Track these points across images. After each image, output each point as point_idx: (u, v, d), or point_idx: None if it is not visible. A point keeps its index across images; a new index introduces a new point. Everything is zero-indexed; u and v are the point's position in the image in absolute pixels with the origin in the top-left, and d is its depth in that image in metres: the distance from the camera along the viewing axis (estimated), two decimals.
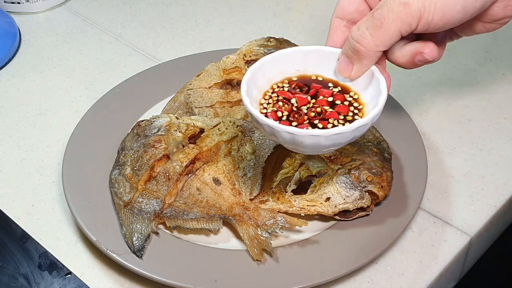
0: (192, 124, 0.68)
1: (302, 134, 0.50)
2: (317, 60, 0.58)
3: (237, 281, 0.58)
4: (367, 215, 0.62)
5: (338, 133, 0.51)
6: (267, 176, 0.64)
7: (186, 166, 0.64)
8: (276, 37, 0.79)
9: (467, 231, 0.64)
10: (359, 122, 0.51)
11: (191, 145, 0.66)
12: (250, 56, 0.76)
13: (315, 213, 0.62)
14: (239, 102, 0.71)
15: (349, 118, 0.54)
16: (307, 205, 0.62)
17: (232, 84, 0.74)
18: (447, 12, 0.51)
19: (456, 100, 0.79)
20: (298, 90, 0.57)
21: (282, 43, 0.78)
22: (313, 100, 0.56)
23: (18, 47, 0.90)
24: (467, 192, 0.68)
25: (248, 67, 0.75)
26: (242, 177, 0.64)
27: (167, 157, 0.65)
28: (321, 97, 0.56)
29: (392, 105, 0.74)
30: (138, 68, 0.84)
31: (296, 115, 0.54)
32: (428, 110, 0.78)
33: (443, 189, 0.68)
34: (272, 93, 0.57)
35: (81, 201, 0.64)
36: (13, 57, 0.89)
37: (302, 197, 0.62)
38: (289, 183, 0.63)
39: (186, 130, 0.67)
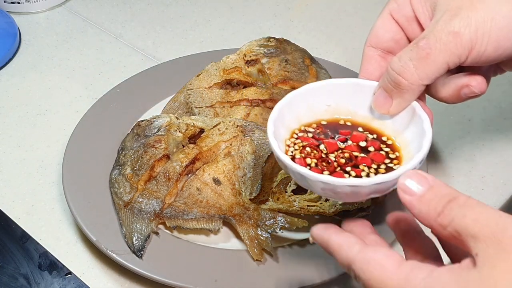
0: (192, 124, 0.68)
1: (340, 184, 0.45)
2: (349, 94, 0.53)
3: (237, 281, 0.58)
4: (367, 215, 0.62)
5: (381, 182, 0.45)
6: (267, 176, 0.64)
7: (186, 166, 0.64)
8: (276, 37, 0.79)
9: None
10: (403, 168, 0.46)
11: (191, 145, 0.66)
12: (250, 56, 0.76)
13: (315, 213, 0.62)
14: (239, 102, 0.71)
15: (383, 167, 0.49)
16: (307, 205, 0.62)
17: (232, 84, 0.74)
18: (502, 43, 0.46)
19: None
20: (327, 135, 0.52)
21: (282, 43, 0.78)
22: (343, 145, 0.51)
23: (18, 47, 0.90)
24: (467, 192, 0.68)
25: (248, 67, 0.75)
26: (242, 177, 0.64)
27: (167, 157, 0.65)
28: (350, 142, 0.51)
29: None
30: (138, 68, 0.84)
31: (324, 163, 0.49)
32: None
33: None
34: (299, 132, 0.52)
35: (81, 201, 0.64)
36: (13, 57, 0.89)
37: (302, 197, 0.62)
38: (289, 183, 0.63)
39: (186, 130, 0.67)
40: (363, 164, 0.49)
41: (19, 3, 0.95)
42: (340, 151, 0.50)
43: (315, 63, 0.76)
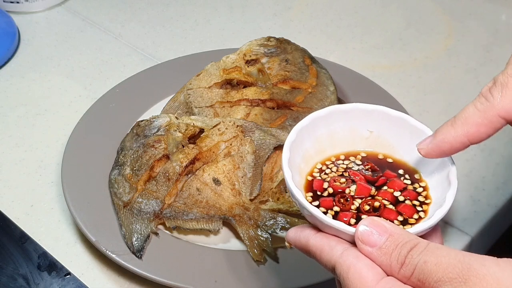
0: (192, 124, 0.68)
1: (347, 232, 0.42)
2: (392, 126, 0.50)
3: (237, 281, 0.58)
4: None
5: None
6: (267, 176, 0.64)
7: (186, 166, 0.64)
8: (276, 37, 0.79)
9: (468, 231, 0.64)
10: (418, 227, 0.43)
11: (191, 145, 0.65)
12: (250, 56, 0.76)
13: None
14: (239, 102, 0.71)
15: (411, 221, 0.45)
16: None
17: (232, 84, 0.73)
18: None
19: (457, 100, 0.79)
20: (368, 172, 0.48)
21: (282, 43, 0.78)
22: (375, 192, 0.47)
23: (17, 46, 0.90)
24: (468, 192, 0.68)
25: (248, 66, 0.74)
26: (242, 177, 0.64)
27: (166, 157, 0.65)
28: (386, 187, 0.47)
29: (392, 105, 0.74)
30: (137, 67, 0.84)
31: (341, 199, 0.46)
32: (429, 110, 0.78)
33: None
34: (336, 160, 0.49)
35: (80, 201, 0.64)
36: (12, 56, 0.88)
37: None
38: None
39: (186, 130, 0.67)
40: (386, 220, 0.44)
41: (18, 2, 0.95)
42: (370, 197, 0.46)
43: (315, 63, 0.76)
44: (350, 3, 0.97)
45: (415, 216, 0.45)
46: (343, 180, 0.47)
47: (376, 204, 0.45)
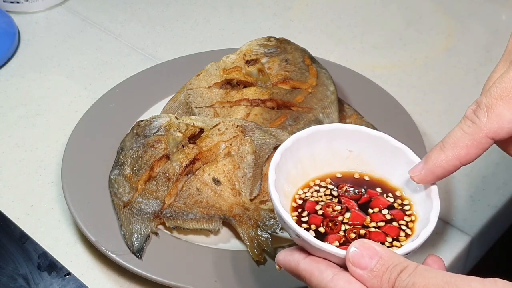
0: (192, 124, 0.67)
1: (336, 254, 0.43)
2: (372, 146, 0.50)
3: (237, 281, 0.58)
4: None
5: None
6: (267, 176, 0.64)
7: (186, 166, 0.64)
8: (276, 37, 0.78)
9: (468, 231, 0.64)
10: (406, 248, 0.44)
11: (191, 145, 0.65)
12: (250, 56, 0.76)
13: None
14: (239, 102, 0.71)
15: (401, 239, 0.46)
16: None
17: (232, 84, 0.73)
18: None
19: (457, 100, 0.79)
20: (348, 192, 0.49)
21: (282, 43, 0.78)
22: (369, 220, 0.47)
23: (17, 46, 0.90)
24: (468, 192, 0.68)
25: (248, 66, 0.74)
26: (242, 177, 0.64)
27: (166, 157, 0.65)
28: (376, 209, 0.48)
29: (392, 105, 0.74)
30: (137, 67, 0.84)
31: (330, 223, 0.47)
32: (429, 110, 0.78)
33: (444, 189, 0.68)
34: (323, 183, 0.50)
35: (80, 201, 0.64)
36: (12, 56, 0.88)
37: None
38: None
39: (186, 130, 0.67)
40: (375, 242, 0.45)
41: (18, 2, 0.95)
42: (361, 226, 0.47)
43: (315, 63, 0.76)
44: (350, 3, 0.97)
45: (402, 234, 0.47)
46: (338, 207, 0.48)
47: (362, 232, 0.46)
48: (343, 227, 0.46)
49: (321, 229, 0.46)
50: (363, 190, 0.50)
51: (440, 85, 0.82)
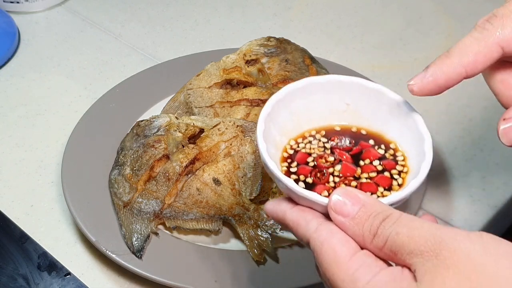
0: (192, 124, 0.68)
1: (320, 203, 0.42)
2: (367, 98, 0.49)
3: (237, 281, 0.58)
4: None
5: None
6: (267, 176, 0.64)
7: (186, 166, 0.64)
8: (276, 37, 0.78)
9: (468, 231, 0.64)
10: (392, 198, 0.43)
11: (191, 145, 0.65)
12: (250, 56, 0.76)
13: None
14: (239, 102, 0.71)
15: (395, 188, 0.45)
16: None
17: (232, 84, 0.73)
18: None
19: (457, 100, 0.79)
20: (340, 144, 0.48)
21: (282, 43, 0.78)
22: (360, 171, 0.47)
23: (17, 46, 0.90)
24: (468, 192, 0.68)
25: (248, 66, 0.74)
26: (242, 177, 0.64)
27: (166, 157, 0.65)
28: (367, 160, 0.47)
29: None
30: (137, 67, 0.84)
31: (318, 174, 0.46)
32: (429, 110, 0.78)
33: (444, 189, 0.68)
34: (316, 134, 0.49)
35: (80, 201, 0.64)
36: (12, 56, 0.88)
37: None
38: None
39: (186, 130, 0.67)
40: (367, 192, 0.45)
41: (18, 2, 0.95)
42: (353, 178, 0.46)
43: (315, 63, 0.76)
44: (350, 3, 0.97)
45: (394, 183, 0.45)
46: (331, 158, 0.47)
47: (353, 184, 0.45)
48: (334, 179, 0.46)
49: (309, 180, 0.46)
50: (354, 142, 0.49)
51: None
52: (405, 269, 0.37)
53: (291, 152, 0.48)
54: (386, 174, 0.46)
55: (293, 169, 0.47)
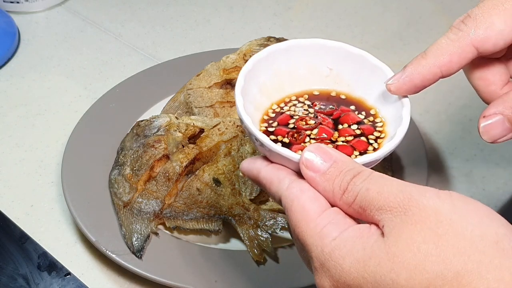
0: (192, 124, 0.68)
1: (294, 160, 0.42)
2: (349, 62, 0.49)
3: (237, 281, 0.58)
4: None
5: None
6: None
7: (186, 166, 0.64)
8: (276, 37, 0.78)
9: None
10: (365, 158, 0.43)
11: (191, 145, 0.65)
12: (250, 56, 0.75)
13: None
14: None
15: (370, 152, 0.45)
16: None
17: (232, 84, 0.73)
18: None
19: (457, 100, 0.79)
20: (321, 108, 0.48)
21: None
22: (337, 135, 0.46)
23: (17, 46, 0.90)
24: (468, 193, 0.68)
25: None
26: (242, 177, 0.64)
27: (166, 157, 0.65)
28: (345, 124, 0.47)
29: None
30: (137, 67, 0.84)
31: (295, 134, 0.46)
32: (429, 110, 0.78)
33: (444, 189, 0.68)
34: (295, 99, 0.49)
35: (80, 201, 0.64)
36: (12, 56, 0.88)
37: None
38: None
39: (186, 130, 0.67)
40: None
41: (18, 2, 0.95)
42: (329, 141, 0.46)
43: None
44: (350, 3, 0.97)
45: (370, 148, 0.45)
46: (312, 122, 0.47)
47: (329, 146, 0.44)
48: (311, 142, 0.46)
49: (286, 140, 0.46)
50: (336, 106, 0.49)
51: (440, 85, 0.82)
52: (373, 226, 0.38)
53: (273, 115, 0.48)
54: (363, 138, 0.46)
55: (271, 129, 0.47)
